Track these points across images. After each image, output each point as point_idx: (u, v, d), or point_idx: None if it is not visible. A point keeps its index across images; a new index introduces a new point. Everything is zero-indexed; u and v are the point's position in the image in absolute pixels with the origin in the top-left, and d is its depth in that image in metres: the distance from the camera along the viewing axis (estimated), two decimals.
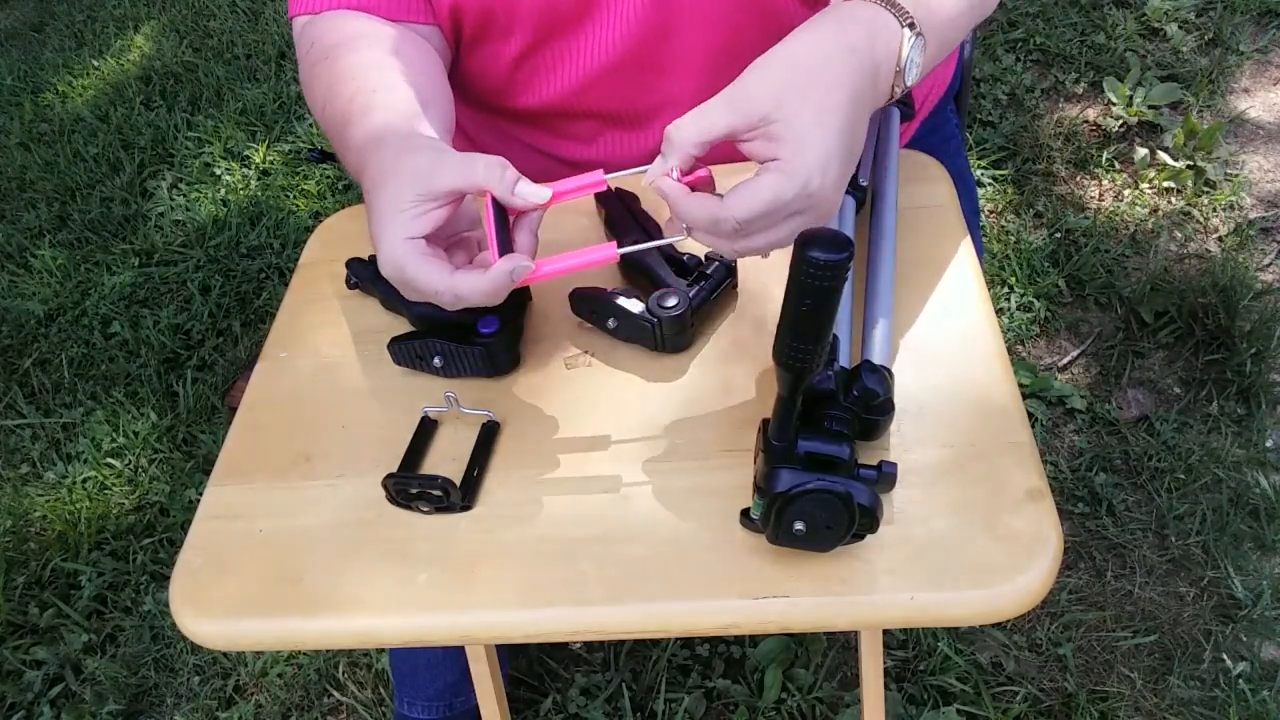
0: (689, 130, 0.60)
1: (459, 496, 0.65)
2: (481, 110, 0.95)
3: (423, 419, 0.72)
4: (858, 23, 0.62)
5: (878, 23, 0.63)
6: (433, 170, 0.63)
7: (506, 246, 0.64)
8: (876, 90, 0.63)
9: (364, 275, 0.82)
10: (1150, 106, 2.00)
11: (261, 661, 1.44)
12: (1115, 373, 1.61)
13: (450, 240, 0.67)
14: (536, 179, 0.91)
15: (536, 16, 0.82)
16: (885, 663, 1.31)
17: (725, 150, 0.63)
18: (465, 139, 1.02)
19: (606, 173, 0.88)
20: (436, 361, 0.73)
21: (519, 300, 0.76)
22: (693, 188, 0.62)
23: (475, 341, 0.71)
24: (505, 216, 0.65)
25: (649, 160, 0.91)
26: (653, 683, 1.34)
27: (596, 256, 0.64)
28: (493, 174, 0.63)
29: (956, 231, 0.77)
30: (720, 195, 0.60)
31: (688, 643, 1.38)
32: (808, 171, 0.58)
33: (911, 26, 0.64)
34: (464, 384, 0.74)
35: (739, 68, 0.84)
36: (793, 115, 0.58)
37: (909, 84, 0.65)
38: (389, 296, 0.80)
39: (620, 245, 0.64)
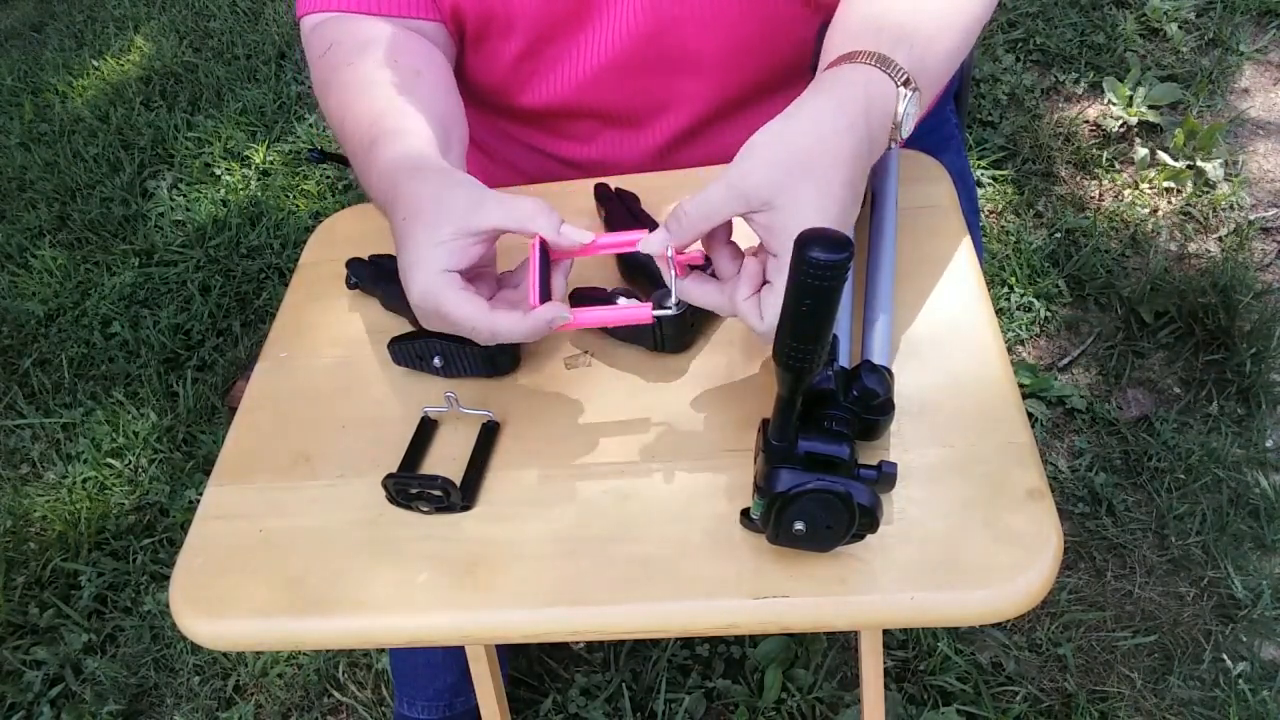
0: (695, 216, 0.61)
1: (459, 496, 0.65)
2: (481, 109, 0.95)
3: (423, 419, 0.72)
4: (855, 94, 0.63)
5: (873, 89, 0.63)
6: (476, 207, 0.64)
7: (547, 289, 0.65)
8: (873, 157, 0.64)
9: (363, 275, 0.82)
10: (1150, 106, 2.00)
11: (261, 661, 1.44)
12: (1115, 373, 1.61)
13: (471, 274, 0.67)
14: (535, 178, 0.91)
15: (535, 17, 0.82)
16: (885, 663, 1.31)
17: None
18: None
19: (605, 174, 0.89)
20: (436, 361, 0.73)
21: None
22: (689, 265, 0.65)
23: (476, 341, 0.71)
24: (548, 260, 0.67)
25: (648, 159, 0.92)
26: (653, 683, 1.34)
27: (631, 314, 0.66)
28: (540, 215, 0.64)
29: (956, 231, 0.77)
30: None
31: (688, 643, 1.38)
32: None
33: (907, 84, 0.64)
34: (464, 384, 0.74)
35: (737, 69, 0.85)
36: (792, 204, 0.59)
37: (904, 136, 0.65)
38: (389, 297, 0.80)
39: (654, 308, 0.66)
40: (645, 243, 0.64)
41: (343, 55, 0.80)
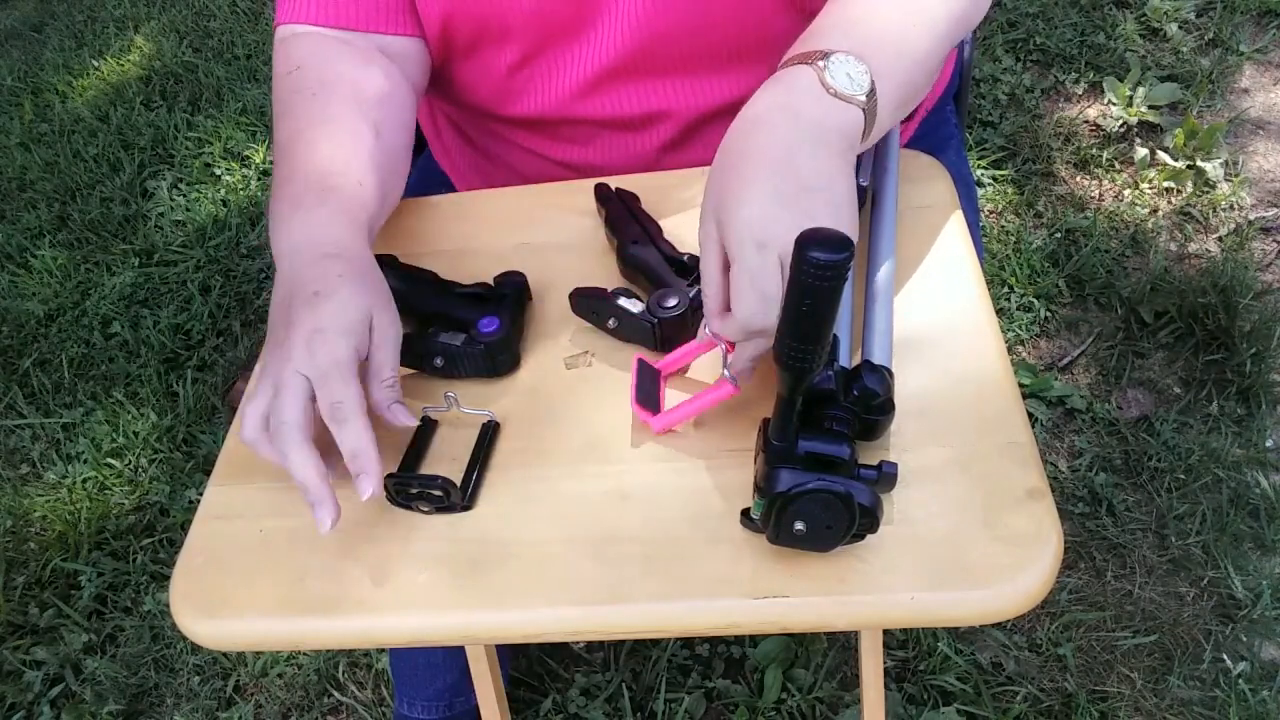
0: (706, 273, 0.64)
1: (459, 496, 0.65)
2: (473, 114, 0.95)
3: (423, 419, 0.72)
4: (763, 92, 0.65)
5: (779, 80, 0.65)
6: (380, 339, 0.66)
7: (655, 400, 0.69)
8: (807, 125, 0.63)
9: None
10: (1150, 106, 2.00)
11: (261, 661, 1.44)
12: (1115, 373, 1.61)
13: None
14: (533, 181, 0.91)
15: (531, 26, 0.82)
16: (885, 663, 1.31)
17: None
18: (463, 141, 1.02)
19: (603, 176, 0.89)
20: (437, 361, 0.73)
21: (520, 300, 0.76)
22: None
23: (476, 341, 0.71)
24: (650, 373, 0.70)
25: (646, 162, 0.91)
26: (653, 683, 1.34)
27: (712, 397, 0.67)
28: (382, 376, 0.66)
29: (956, 231, 0.77)
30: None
31: (688, 643, 1.38)
32: (746, 251, 0.60)
33: (824, 57, 0.64)
34: (464, 384, 0.74)
35: (731, 74, 0.85)
36: (726, 198, 0.61)
37: (860, 92, 0.64)
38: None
39: (736, 383, 0.66)
40: (704, 331, 0.66)
41: (307, 83, 0.79)
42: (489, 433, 0.70)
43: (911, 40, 0.69)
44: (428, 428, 0.71)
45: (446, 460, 0.69)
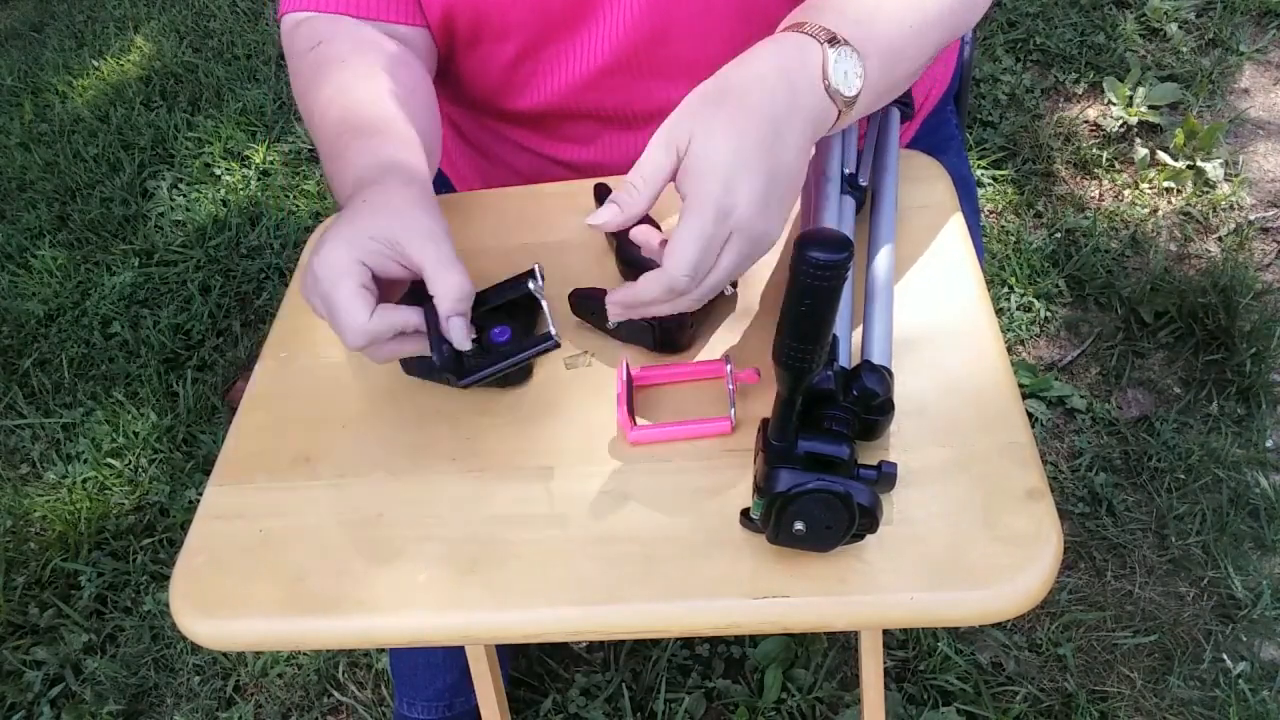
0: (640, 181, 0.62)
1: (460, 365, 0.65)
2: (476, 111, 0.95)
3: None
4: (762, 51, 0.63)
5: (786, 47, 0.63)
6: (422, 238, 0.64)
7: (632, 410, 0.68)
8: (806, 108, 0.62)
9: None
10: (1150, 106, 2.00)
11: (261, 661, 1.44)
12: (1115, 373, 1.61)
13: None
14: (532, 180, 0.91)
15: (530, 19, 0.82)
16: (885, 663, 1.31)
17: None
18: (461, 140, 1.02)
19: (604, 175, 0.89)
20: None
21: (531, 309, 0.74)
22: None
23: (488, 351, 0.71)
24: (631, 386, 0.69)
25: None
26: (653, 683, 1.34)
27: (707, 428, 0.67)
28: (454, 296, 0.63)
29: (956, 231, 0.77)
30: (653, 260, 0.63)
31: (688, 643, 1.38)
32: (715, 196, 0.59)
33: (833, 42, 0.63)
34: (471, 391, 0.73)
35: None
36: (704, 132, 0.60)
37: (851, 93, 0.64)
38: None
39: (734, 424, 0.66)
40: (595, 216, 0.63)
41: (334, 52, 0.79)
42: (541, 343, 0.67)
43: (909, 54, 0.70)
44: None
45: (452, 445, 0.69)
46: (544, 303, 0.66)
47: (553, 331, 0.65)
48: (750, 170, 0.59)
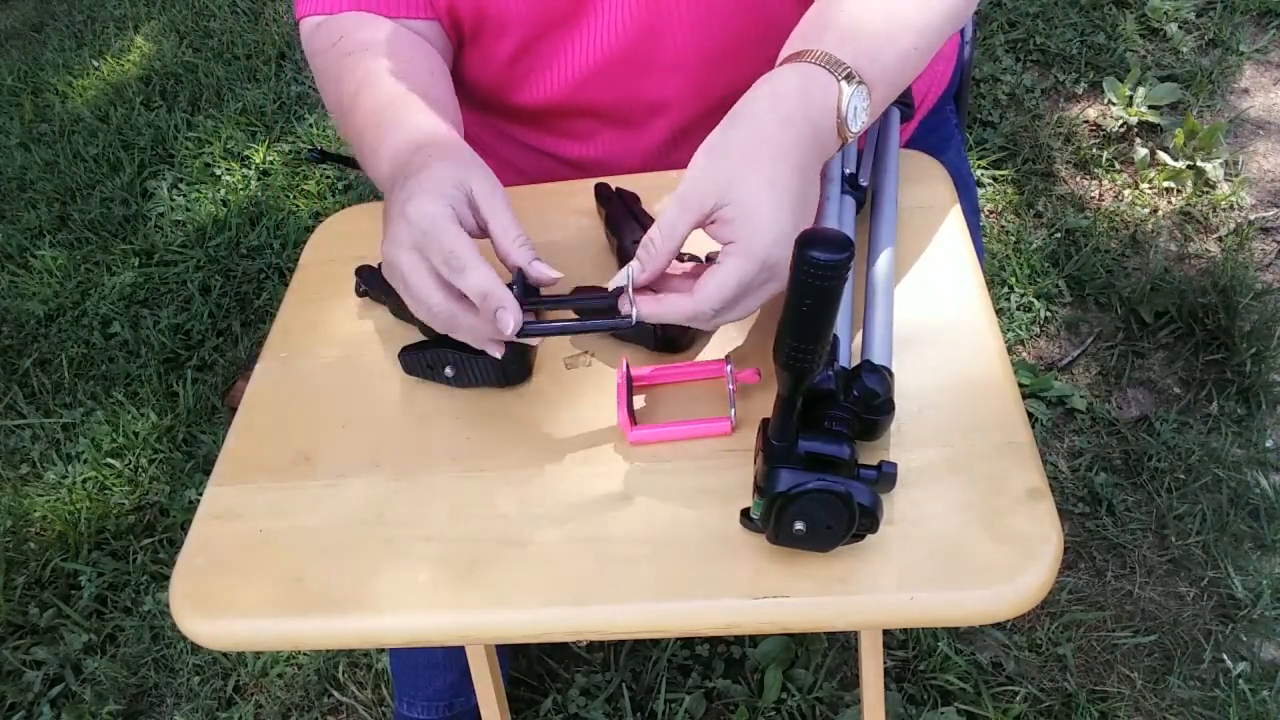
0: (660, 240, 0.63)
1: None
2: (480, 109, 0.95)
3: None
4: (789, 92, 0.64)
5: (810, 83, 0.64)
6: (492, 189, 0.66)
7: (631, 410, 0.68)
8: (821, 148, 0.65)
9: (373, 283, 0.81)
10: (1150, 106, 2.00)
11: (261, 662, 1.44)
12: (1115, 373, 1.61)
13: None
14: (535, 179, 0.91)
15: (529, 15, 0.83)
16: (885, 663, 1.31)
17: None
18: (465, 139, 1.02)
19: (606, 173, 0.89)
20: (448, 371, 0.72)
21: (534, 310, 0.74)
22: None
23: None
24: (631, 386, 0.70)
25: (649, 158, 0.92)
26: (653, 683, 1.34)
27: (706, 429, 0.67)
28: (521, 242, 0.66)
29: (956, 231, 0.77)
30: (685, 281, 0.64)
31: (688, 643, 1.38)
32: (765, 248, 0.60)
33: (849, 79, 0.64)
34: (468, 389, 0.74)
35: (732, 68, 0.85)
36: (742, 197, 0.61)
37: (857, 130, 0.66)
38: (400, 307, 0.79)
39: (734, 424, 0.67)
40: (616, 279, 0.65)
41: (357, 46, 0.81)
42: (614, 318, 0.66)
43: (905, 81, 0.71)
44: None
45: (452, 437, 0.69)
46: (629, 283, 0.65)
47: (633, 313, 0.65)
48: (793, 225, 0.61)
